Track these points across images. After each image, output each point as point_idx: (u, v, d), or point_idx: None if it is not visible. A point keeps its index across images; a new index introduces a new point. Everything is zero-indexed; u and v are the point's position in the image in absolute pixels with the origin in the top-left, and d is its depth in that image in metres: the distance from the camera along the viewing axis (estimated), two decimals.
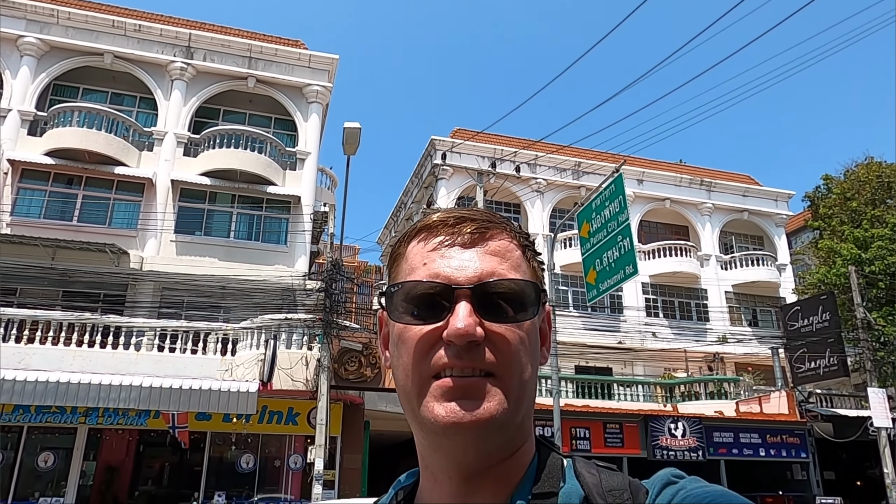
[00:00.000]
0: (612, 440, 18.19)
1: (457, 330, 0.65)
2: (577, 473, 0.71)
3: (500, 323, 0.67)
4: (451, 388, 0.65)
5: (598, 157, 26.36)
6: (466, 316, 0.65)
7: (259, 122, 22.27)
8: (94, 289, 18.26)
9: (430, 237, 0.73)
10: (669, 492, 0.65)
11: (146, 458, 18.15)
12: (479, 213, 0.75)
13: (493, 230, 0.73)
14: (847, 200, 26.68)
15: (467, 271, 0.69)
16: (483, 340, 0.66)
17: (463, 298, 0.67)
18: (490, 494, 0.69)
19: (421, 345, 0.68)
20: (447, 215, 0.74)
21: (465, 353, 0.66)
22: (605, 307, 26.35)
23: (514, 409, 0.67)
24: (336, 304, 15.49)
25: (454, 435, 0.65)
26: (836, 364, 19.53)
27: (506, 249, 0.72)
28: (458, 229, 0.72)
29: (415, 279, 0.70)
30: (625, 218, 13.90)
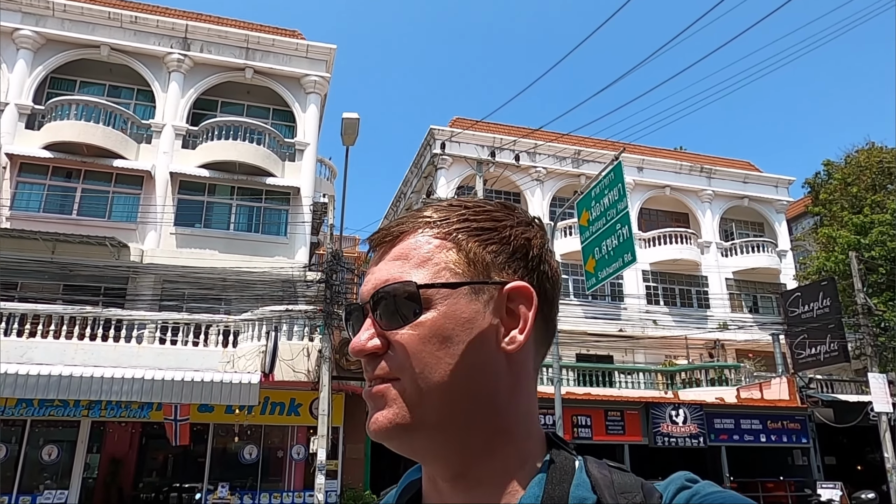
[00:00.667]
0: (614, 427, 18.25)
1: (350, 347, 0.70)
2: (588, 474, 0.69)
3: (398, 328, 0.67)
4: (366, 398, 0.70)
5: (597, 145, 26.30)
6: (363, 331, 0.69)
7: (257, 113, 22.20)
8: (94, 282, 18.28)
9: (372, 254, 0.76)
10: (684, 497, 0.64)
11: (150, 451, 18.25)
12: (404, 218, 0.73)
13: (409, 230, 0.71)
14: (847, 186, 26.63)
15: (368, 285, 0.71)
16: (385, 349, 0.68)
17: (367, 312, 0.70)
18: (489, 496, 0.67)
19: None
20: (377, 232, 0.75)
21: (367, 365, 0.69)
22: (606, 295, 26.37)
23: (423, 411, 0.65)
24: (337, 294, 15.51)
25: (382, 441, 0.68)
26: (837, 350, 19.56)
27: (411, 248, 0.70)
28: (378, 241, 0.74)
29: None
30: (624, 206, 13.88)
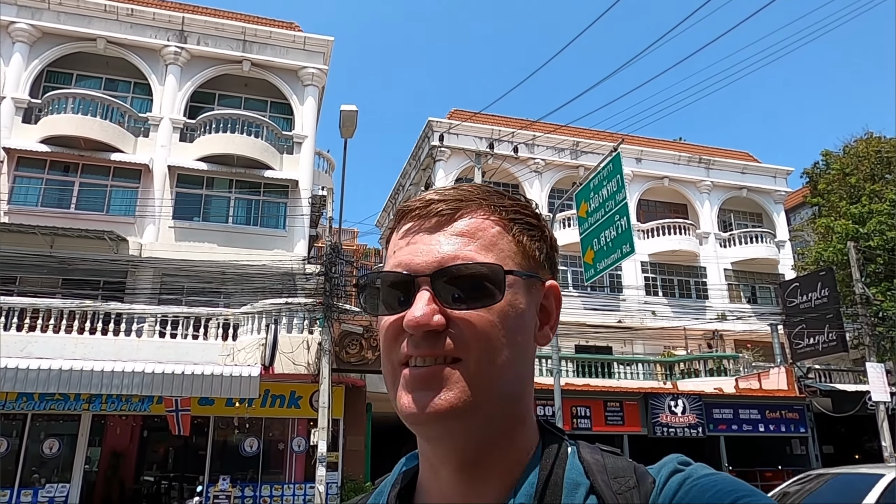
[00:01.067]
0: (613, 418, 18.32)
1: (409, 320, 0.64)
2: (581, 459, 0.70)
3: (465, 309, 0.65)
4: (410, 379, 0.65)
5: (596, 137, 26.26)
6: (423, 305, 0.64)
7: (255, 105, 22.14)
8: (93, 276, 18.27)
9: (404, 223, 0.72)
10: (677, 480, 0.64)
11: (150, 444, 18.29)
12: (455, 192, 0.71)
13: (466, 208, 0.70)
14: (846, 176, 26.62)
15: (427, 257, 0.67)
16: (446, 327, 0.65)
17: (423, 286, 0.66)
18: (490, 484, 0.67)
19: (389, 335, 0.67)
20: (419, 199, 0.72)
21: (423, 343, 0.65)
22: (605, 286, 26.41)
23: (481, 395, 0.64)
24: (336, 287, 15.52)
25: (416, 425, 0.65)
26: (835, 339, 19.62)
27: (477, 228, 0.69)
28: (426, 212, 0.70)
29: (384, 269, 0.70)
30: (622, 197, 13.88)
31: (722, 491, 0.60)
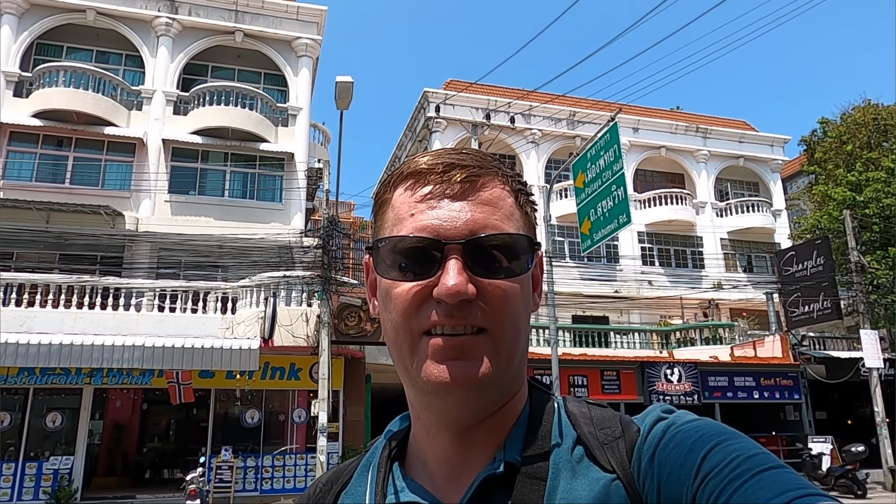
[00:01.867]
0: (610, 387, 18.55)
1: (448, 289, 0.63)
2: (568, 413, 0.72)
3: (492, 278, 0.65)
4: (443, 348, 0.64)
5: (593, 106, 26.08)
6: (457, 273, 0.63)
7: (248, 77, 21.89)
8: (90, 251, 18.25)
9: (418, 185, 0.69)
10: (661, 427, 0.66)
11: (152, 416, 18.50)
12: (470, 158, 0.70)
13: (485, 176, 0.69)
14: (843, 144, 26.57)
15: (458, 224, 0.65)
16: (475, 297, 0.64)
17: (454, 254, 0.64)
18: (485, 442, 0.70)
19: (412, 302, 0.65)
20: (436, 161, 0.69)
21: (456, 312, 0.64)
22: (602, 257, 26.48)
23: (506, 364, 0.66)
24: (334, 260, 15.54)
25: (446, 394, 0.65)
26: (830, 307, 19.78)
27: (498, 198, 0.69)
28: (447, 177, 0.68)
29: (402, 233, 0.67)
30: (619, 167, 13.85)
31: (705, 435, 0.62)
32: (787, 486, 0.53)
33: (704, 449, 0.60)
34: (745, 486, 0.54)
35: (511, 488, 0.65)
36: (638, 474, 0.64)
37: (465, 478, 0.69)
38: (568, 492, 0.64)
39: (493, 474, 0.66)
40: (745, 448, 0.59)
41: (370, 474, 0.75)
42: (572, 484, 0.65)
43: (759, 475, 0.55)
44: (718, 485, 0.56)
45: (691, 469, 0.59)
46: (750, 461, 0.57)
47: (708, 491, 0.56)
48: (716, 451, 0.59)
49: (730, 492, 0.55)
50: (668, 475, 0.61)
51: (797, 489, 0.53)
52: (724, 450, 0.59)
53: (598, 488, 0.64)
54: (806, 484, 0.54)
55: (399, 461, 0.75)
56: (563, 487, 0.65)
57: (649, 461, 0.63)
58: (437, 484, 0.71)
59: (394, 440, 0.77)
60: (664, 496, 0.60)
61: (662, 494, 0.61)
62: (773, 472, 0.55)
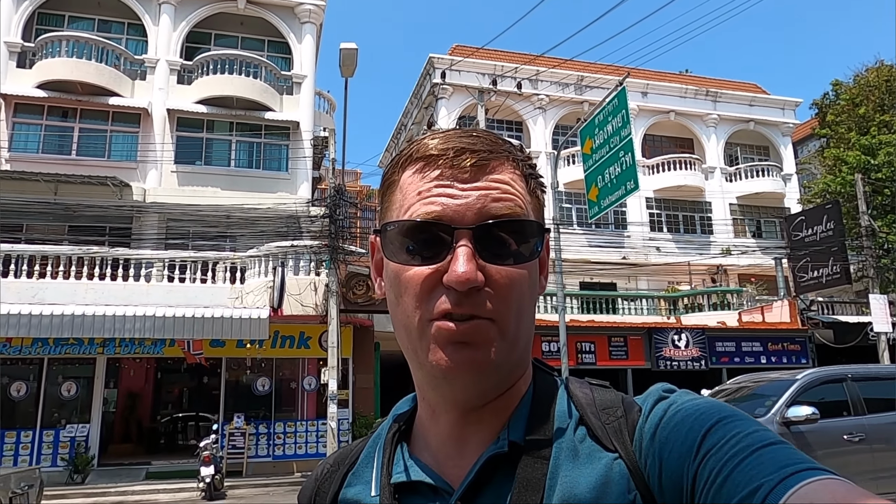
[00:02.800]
0: (617, 353, 18.65)
1: (458, 276, 0.63)
2: (571, 394, 0.73)
3: (501, 265, 0.65)
4: (453, 333, 0.64)
5: (601, 71, 25.72)
6: (467, 261, 0.63)
7: (252, 45, 21.65)
8: (99, 222, 18.34)
9: (428, 169, 0.68)
10: (662, 407, 0.66)
11: (165, 385, 18.79)
12: (481, 141, 0.69)
13: (496, 161, 0.69)
14: (855, 107, 26.13)
15: (468, 210, 0.65)
16: (483, 284, 0.64)
17: (463, 239, 0.64)
18: (489, 422, 0.70)
19: (421, 287, 0.66)
20: (446, 145, 0.68)
21: (465, 299, 0.64)
22: (609, 223, 26.39)
23: (511, 349, 0.67)
24: (341, 229, 15.56)
25: (454, 379, 0.66)
26: (839, 272, 19.70)
27: (508, 182, 0.69)
28: (457, 162, 0.67)
29: (412, 217, 0.67)
30: (627, 133, 13.70)
31: (706, 414, 0.62)
32: (787, 461, 0.54)
33: (705, 427, 0.60)
34: (745, 463, 0.55)
35: (515, 467, 0.66)
36: (640, 453, 0.65)
37: (469, 457, 0.69)
38: (570, 471, 0.65)
39: (497, 453, 0.67)
40: (745, 426, 0.59)
41: (376, 454, 0.76)
42: (575, 463, 0.66)
43: (759, 451, 0.55)
44: (719, 462, 0.56)
45: (692, 447, 0.59)
46: (749, 438, 0.57)
47: (709, 468, 0.57)
48: (716, 429, 0.60)
49: (730, 468, 0.55)
50: (670, 453, 0.61)
51: (796, 463, 0.53)
52: (724, 428, 0.59)
53: (601, 467, 0.65)
54: (805, 458, 0.55)
55: (405, 442, 0.76)
56: (565, 466, 0.66)
57: (651, 440, 0.64)
58: (441, 463, 0.72)
59: (399, 421, 0.78)
60: (665, 474, 0.61)
61: (664, 473, 0.61)
62: (773, 448, 0.56)
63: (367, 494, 0.73)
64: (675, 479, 0.60)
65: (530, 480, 0.65)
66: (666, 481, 0.61)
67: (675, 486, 0.60)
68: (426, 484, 0.70)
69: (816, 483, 0.50)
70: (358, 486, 0.75)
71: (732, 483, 0.54)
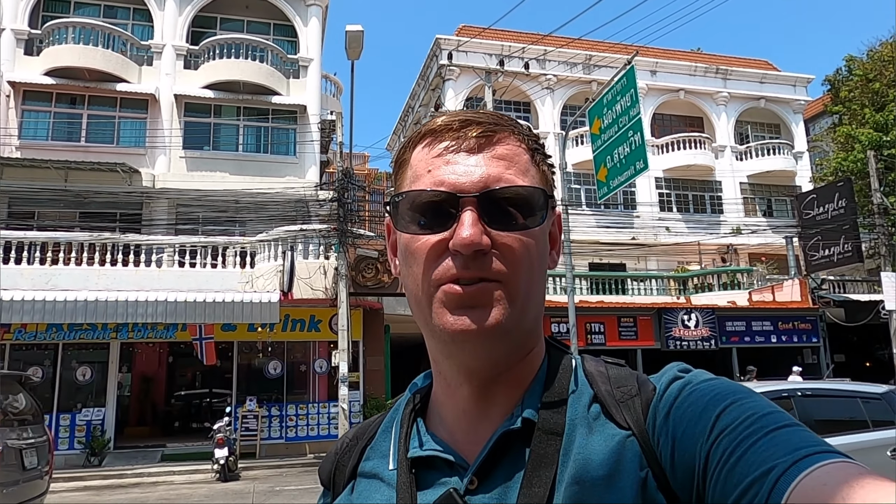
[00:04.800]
0: (627, 333, 18.66)
1: (462, 240, 0.64)
2: (585, 371, 0.74)
3: (507, 231, 0.67)
4: (460, 296, 0.65)
5: (610, 50, 25.44)
6: (471, 225, 0.65)
7: (258, 28, 21.54)
8: (109, 209, 18.46)
9: (435, 142, 0.71)
10: (677, 386, 0.67)
11: (178, 368, 19.00)
12: (486, 116, 0.72)
13: (501, 133, 0.71)
14: (869, 82, 25.73)
15: (473, 178, 0.67)
16: (490, 248, 0.66)
17: (469, 206, 0.66)
18: (503, 398, 0.71)
19: (429, 255, 0.67)
20: (451, 119, 0.71)
21: (471, 263, 0.65)
22: (619, 204, 26.26)
23: (520, 315, 0.68)
24: (349, 212, 15.58)
25: (463, 342, 0.66)
26: (851, 250, 19.56)
27: (513, 153, 0.70)
28: (463, 133, 0.69)
29: (419, 188, 0.69)
30: (636, 112, 13.58)
31: (720, 394, 0.62)
32: (800, 443, 0.54)
33: (719, 407, 0.60)
34: (758, 444, 0.55)
35: (528, 443, 0.67)
36: (653, 431, 0.65)
37: (483, 432, 0.70)
38: (583, 447, 0.66)
39: (510, 429, 0.68)
40: (760, 407, 0.59)
41: (394, 428, 0.78)
42: (588, 439, 0.66)
43: (773, 433, 0.56)
44: (732, 442, 0.57)
45: (706, 427, 0.60)
46: (764, 419, 0.57)
47: (721, 448, 0.57)
48: (730, 409, 0.60)
49: (743, 449, 0.55)
50: (683, 433, 0.62)
51: (809, 446, 0.53)
52: (738, 408, 0.60)
53: (613, 444, 0.65)
54: (819, 441, 0.55)
55: (422, 416, 0.78)
56: (578, 442, 0.66)
57: (664, 419, 0.64)
58: (456, 438, 0.73)
59: (418, 395, 0.80)
60: (678, 453, 0.61)
61: (677, 451, 0.62)
62: (787, 430, 0.56)
63: (385, 468, 0.74)
64: (687, 459, 0.60)
65: (543, 456, 0.66)
66: (678, 460, 0.61)
67: (687, 465, 0.60)
68: (442, 458, 0.71)
69: (830, 466, 0.51)
70: (376, 460, 0.77)
71: (745, 464, 0.54)
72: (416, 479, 0.71)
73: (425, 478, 0.71)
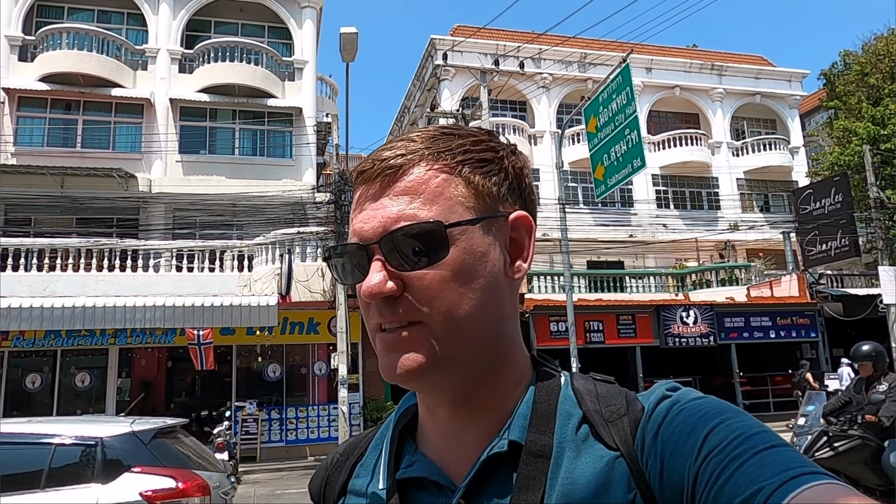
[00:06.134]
0: (625, 331, 18.67)
1: (363, 291, 0.66)
2: (574, 390, 0.73)
3: (416, 269, 0.65)
4: (385, 343, 0.67)
5: (605, 47, 25.46)
6: (373, 273, 0.65)
7: (252, 32, 21.53)
8: (106, 214, 18.42)
9: (357, 189, 0.71)
10: (665, 406, 0.66)
11: (177, 373, 18.93)
12: (403, 144, 0.69)
13: (408, 164, 0.68)
14: (865, 77, 25.78)
15: (374, 224, 0.67)
16: (402, 292, 0.66)
17: (375, 254, 0.66)
18: (484, 418, 0.71)
19: (362, 304, 0.69)
20: (367, 160, 0.70)
21: (385, 309, 0.66)
22: (616, 201, 26.27)
23: (449, 349, 0.66)
24: (346, 215, 15.57)
25: (402, 382, 0.67)
26: (848, 245, 19.60)
27: (419, 182, 0.67)
28: (371, 174, 0.69)
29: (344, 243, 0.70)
30: (632, 110, 13.60)
31: (708, 414, 0.62)
32: (788, 464, 0.54)
33: (707, 427, 0.60)
34: (746, 465, 0.54)
35: (516, 465, 0.67)
36: (641, 452, 0.65)
37: (469, 451, 0.70)
38: (571, 469, 0.65)
39: (497, 453, 0.68)
40: (748, 427, 0.59)
41: (384, 447, 0.77)
42: (576, 462, 0.66)
43: (761, 453, 0.55)
44: (720, 463, 0.56)
45: (693, 447, 0.59)
46: (752, 440, 0.57)
47: (710, 469, 0.56)
48: (718, 429, 0.59)
49: (731, 470, 0.55)
50: (671, 453, 0.61)
51: (797, 467, 0.53)
52: (726, 428, 0.59)
53: (601, 465, 0.65)
54: (807, 462, 0.54)
55: (411, 435, 0.78)
56: (566, 465, 0.66)
57: (653, 439, 0.64)
58: (442, 457, 0.72)
59: (406, 414, 0.79)
60: (666, 474, 0.61)
61: (665, 472, 0.61)
62: (775, 451, 0.55)
63: (375, 486, 0.74)
64: (675, 480, 0.60)
65: (531, 479, 0.65)
66: (667, 481, 0.61)
67: (675, 486, 0.60)
68: (430, 480, 0.70)
69: (818, 487, 0.50)
70: (365, 478, 0.77)
71: (733, 485, 0.54)
72: (405, 500, 0.71)
73: (414, 499, 0.71)
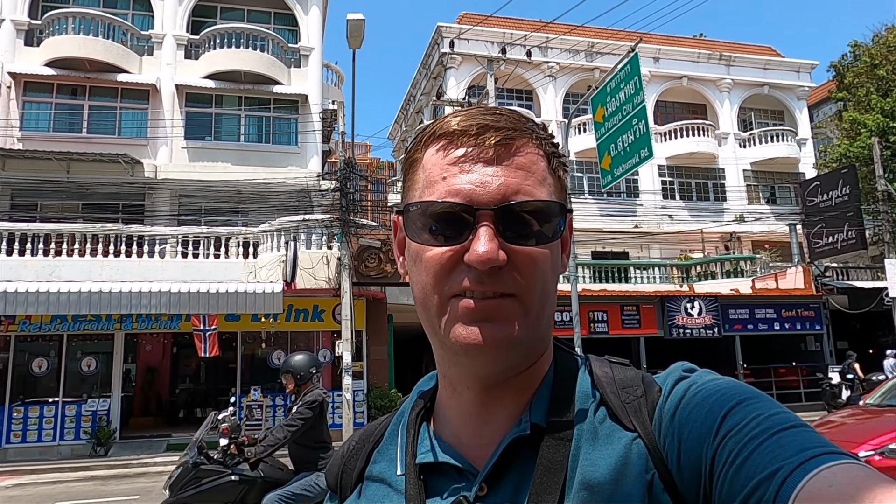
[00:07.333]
0: (630, 321, 18.66)
1: (479, 255, 0.63)
2: (591, 374, 0.73)
3: (523, 245, 0.65)
4: (473, 310, 0.64)
5: (613, 37, 25.30)
6: (488, 240, 0.63)
7: (258, 18, 21.43)
8: (112, 200, 18.45)
9: (451, 147, 0.68)
10: (682, 387, 0.66)
11: (182, 359, 19.08)
12: (504, 119, 0.68)
13: (519, 140, 0.68)
14: (874, 68, 25.55)
15: (490, 190, 0.65)
16: (505, 263, 0.64)
17: (486, 220, 0.64)
18: (509, 401, 0.71)
19: (442, 266, 0.66)
20: (468, 122, 0.68)
21: (486, 278, 0.64)
22: (622, 192, 26.19)
23: (533, 325, 0.67)
24: (352, 202, 15.56)
25: (476, 354, 0.65)
26: (854, 237, 19.51)
27: (531, 162, 0.68)
28: (480, 140, 0.66)
29: (433, 196, 0.67)
30: (640, 100, 13.49)
31: (726, 395, 0.62)
32: (807, 444, 0.53)
33: (725, 408, 0.60)
34: (764, 445, 0.54)
35: (537, 449, 0.67)
36: (659, 433, 0.65)
37: (490, 435, 0.70)
38: (591, 451, 0.66)
39: (519, 436, 0.68)
40: (766, 407, 0.59)
41: (400, 433, 0.77)
42: (595, 444, 0.66)
43: (779, 433, 0.55)
44: (738, 443, 0.56)
45: (711, 428, 0.59)
46: (770, 420, 0.57)
47: (728, 449, 0.56)
48: (736, 410, 0.59)
49: (749, 450, 0.55)
50: (689, 434, 0.61)
51: (816, 447, 0.53)
52: (744, 409, 0.59)
53: (620, 447, 0.65)
54: (826, 442, 0.54)
55: (428, 420, 0.77)
56: (586, 448, 0.66)
57: (670, 420, 0.64)
58: (462, 441, 0.72)
59: (423, 399, 0.79)
60: (684, 455, 0.61)
61: (683, 453, 0.61)
62: (794, 431, 0.55)
63: (393, 472, 0.74)
64: (693, 460, 0.60)
65: (553, 462, 0.65)
66: (685, 462, 0.61)
67: (693, 466, 0.60)
68: (450, 464, 0.70)
69: (837, 467, 0.50)
70: (383, 464, 0.76)
71: (751, 465, 0.54)
72: (424, 485, 0.71)
73: (434, 484, 0.71)
